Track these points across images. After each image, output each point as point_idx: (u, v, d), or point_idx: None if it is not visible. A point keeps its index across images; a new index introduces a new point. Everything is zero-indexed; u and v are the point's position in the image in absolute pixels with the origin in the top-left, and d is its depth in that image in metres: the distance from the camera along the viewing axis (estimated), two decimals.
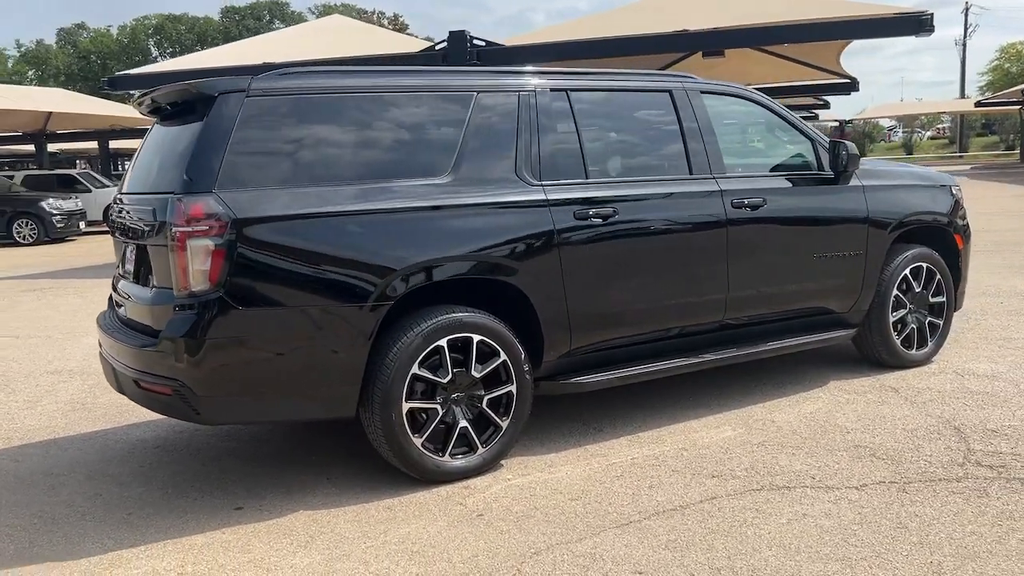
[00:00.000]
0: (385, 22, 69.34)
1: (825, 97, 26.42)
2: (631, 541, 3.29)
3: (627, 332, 4.47)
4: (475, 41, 11.89)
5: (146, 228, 3.77)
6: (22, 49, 75.99)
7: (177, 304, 3.54)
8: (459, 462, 3.94)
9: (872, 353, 5.53)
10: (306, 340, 3.62)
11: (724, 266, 4.67)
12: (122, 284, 4.25)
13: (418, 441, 3.83)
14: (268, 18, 72.06)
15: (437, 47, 12.33)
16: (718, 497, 3.66)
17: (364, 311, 3.67)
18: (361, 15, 66.72)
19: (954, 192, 5.82)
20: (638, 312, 4.46)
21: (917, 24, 10.10)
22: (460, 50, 11.71)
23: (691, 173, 4.64)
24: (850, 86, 19.52)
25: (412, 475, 3.91)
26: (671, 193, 4.54)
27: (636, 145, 4.81)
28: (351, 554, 3.30)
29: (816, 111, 33.90)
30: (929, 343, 5.63)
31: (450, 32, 11.95)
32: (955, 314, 6.84)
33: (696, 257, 4.61)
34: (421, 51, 12.78)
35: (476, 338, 3.93)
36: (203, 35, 70.16)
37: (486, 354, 3.98)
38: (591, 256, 4.26)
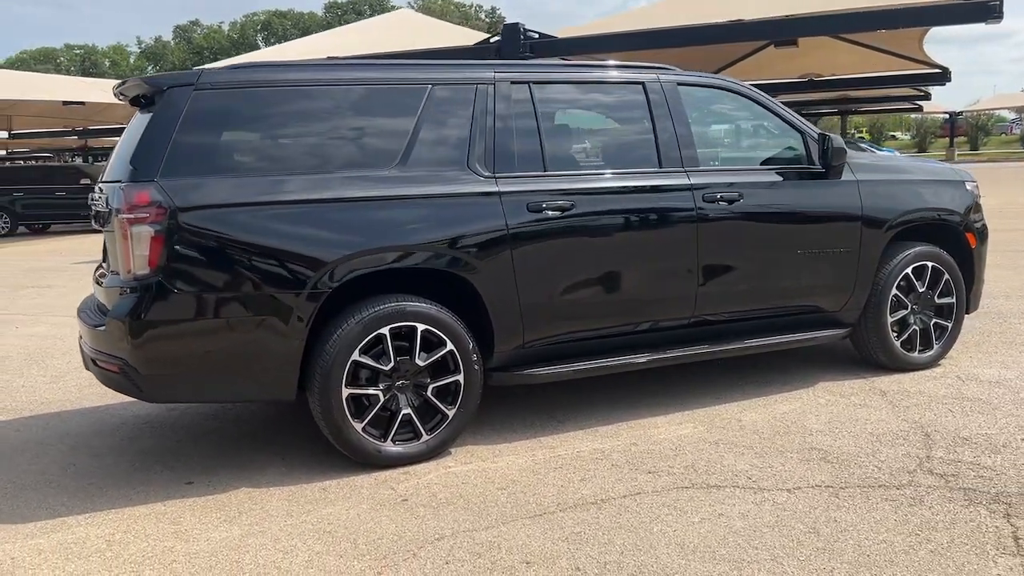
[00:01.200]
0: (483, 15, 69.93)
1: (926, 88, 25.12)
2: (535, 532, 3.30)
3: (586, 326, 4.45)
4: (528, 33, 11.92)
5: (104, 215, 3.99)
6: (142, 46, 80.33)
7: (123, 287, 3.74)
8: (400, 448, 4.02)
9: (870, 354, 5.31)
10: (241, 325, 3.76)
11: (694, 261, 4.59)
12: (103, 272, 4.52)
13: (358, 426, 3.93)
14: (369, 12, 73.72)
15: (492, 40, 12.41)
16: (643, 493, 3.63)
17: (300, 299, 3.78)
18: (459, 9, 67.49)
19: (969, 188, 5.52)
20: (597, 307, 4.43)
21: (984, 11, 9.52)
22: (514, 42, 11.75)
23: (660, 166, 4.57)
24: (942, 76, 18.49)
25: (355, 459, 4.01)
26: (634, 187, 4.48)
27: (602, 138, 4.77)
28: (267, 530, 3.43)
29: (919, 102, 32.33)
30: (934, 346, 5.36)
31: (504, 24, 12.04)
32: (988, 316, 6.55)
33: (661, 252, 4.54)
34: (476, 44, 12.88)
35: (421, 327, 3.99)
36: (307, 30, 72.42)
37: (432, 343, 4.04)
38: (545, 250, 4.25)
